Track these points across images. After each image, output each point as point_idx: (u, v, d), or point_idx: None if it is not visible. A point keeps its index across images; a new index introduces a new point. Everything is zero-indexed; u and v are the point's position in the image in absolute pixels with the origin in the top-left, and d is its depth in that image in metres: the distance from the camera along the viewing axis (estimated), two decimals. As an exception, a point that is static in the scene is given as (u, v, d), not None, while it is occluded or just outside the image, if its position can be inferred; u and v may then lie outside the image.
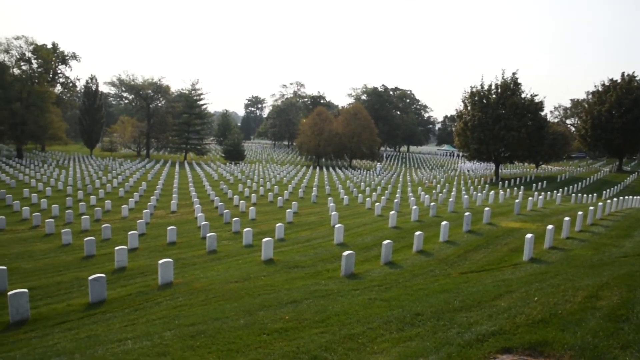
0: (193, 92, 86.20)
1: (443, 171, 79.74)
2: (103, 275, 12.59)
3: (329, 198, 36.68)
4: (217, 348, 7.43)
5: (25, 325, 11.10)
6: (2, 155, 70.50)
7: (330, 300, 10.27)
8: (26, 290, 11.63)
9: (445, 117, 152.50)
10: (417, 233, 16.72)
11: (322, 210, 32.46)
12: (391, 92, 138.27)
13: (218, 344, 7.62)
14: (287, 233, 22.10)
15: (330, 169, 75.00)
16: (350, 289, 11.46)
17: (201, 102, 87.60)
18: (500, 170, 69.99)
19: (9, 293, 11.30)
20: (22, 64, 69.66)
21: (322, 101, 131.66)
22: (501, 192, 40.05)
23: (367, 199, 35.47)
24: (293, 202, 33.38)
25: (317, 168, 75.50)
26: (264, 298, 10.97)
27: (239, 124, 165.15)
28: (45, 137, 71.88)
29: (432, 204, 26.85)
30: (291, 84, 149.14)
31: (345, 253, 13.32)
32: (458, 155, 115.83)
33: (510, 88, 60.34)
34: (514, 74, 61.45)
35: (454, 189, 46.64)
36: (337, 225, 19.23)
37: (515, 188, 48.40)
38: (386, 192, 43.39)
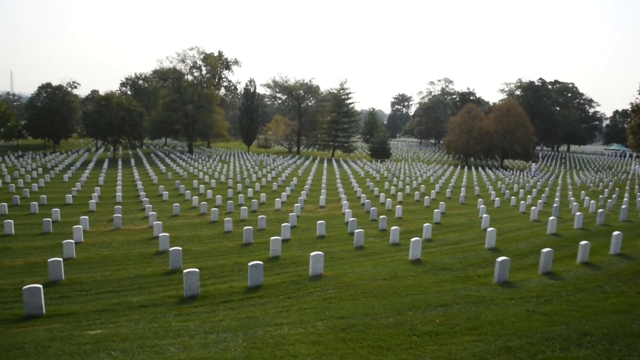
0: (341, 91, 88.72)
1: (612, 174, 70.69)
2: (261, 262, 13.59)
3: (479, 200, 34.90)
4: (368, 344, 7.54)
5: (195, 300, 12.48)
6: (177, 150, 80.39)
7: (482, 307, 9.78)
8: (197, 269, 13.05)
9: (616, 112, 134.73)
10: (582, 242, 15.06)
11: (471, 212, 31.06)
12: (550, 86, 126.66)
13: (368, 340, 7.73)
14: (434, 234, 21.58)
15: (480, 168, 71.37)
16: (505, 297, 10.77)
17: (349, 101, 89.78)
18: (687, 175, 59.80)
19: (184, 271, 12.80)
20: (194, 71, 78.74)
21: (471, 98, 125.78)
22: (689, 200, 34.23)
23: (521, 202, 32.99)
24: (440, 202, 32.47)
25: (466, 167, 72.44)
26: (413, 298, 10.84)
27: (385, 122, 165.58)
28: (211, 135, 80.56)
29: (600, 210, 24.00)
30: (439, 80, 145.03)
31: (500, 259, 12.55)
32: (631, 156, 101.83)
33: None
34: None
35: (626, 194, 41.14)
36: (489, 229, 18.21)
37: None
38: (543, 195, 39.91)
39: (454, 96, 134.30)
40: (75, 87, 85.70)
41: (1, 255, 18.99)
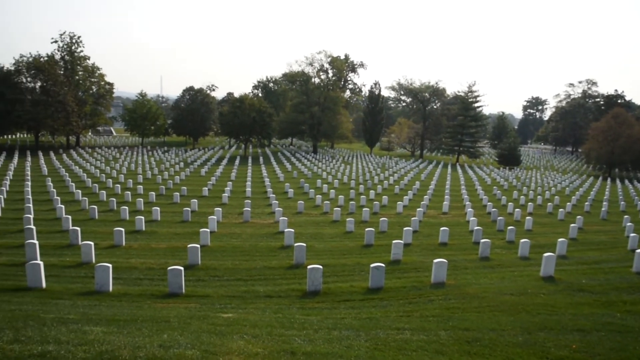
0: (469, 94, 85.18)
1: None
2: (383, 264, 13.60)
3: (625, 216, 31.16)
4: (495, 360, 7.16)
5: (317, 296, 12.87)
6: (302, 150, 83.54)
7: (629, 338, 8.75)
8: (321, 266, 13.44)
9: None
10: None
11: (614, 230, 27.95)
12: None
13: (495, 356, 7.35)
14: (569, 250, 19.78)
15: (626, 181, 63.85)
16: (658, 330, 9.51)
17: (477, 105, 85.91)
18: None
19: (308, 267, 13.27)
20: (321, 74, 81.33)
21: (619, 101, 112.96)
22: None
23: (680, 222, 28.91)
24: (577, 217, 29.61)
25: (609, 179, 65.29)
26: (544, 318, 10.07)
27: (516, 127, 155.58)
28: (335, 136, 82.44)
29: None
30: (580, 82, 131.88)
31: (652, 285, 11.13)
32: None
33: None
34: None
35: None
36: (637, 250, 16.20)
37: None
38: None
39: (598, 99, 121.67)
40: (214, 89, 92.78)
41: (149, 238, 21.40)
